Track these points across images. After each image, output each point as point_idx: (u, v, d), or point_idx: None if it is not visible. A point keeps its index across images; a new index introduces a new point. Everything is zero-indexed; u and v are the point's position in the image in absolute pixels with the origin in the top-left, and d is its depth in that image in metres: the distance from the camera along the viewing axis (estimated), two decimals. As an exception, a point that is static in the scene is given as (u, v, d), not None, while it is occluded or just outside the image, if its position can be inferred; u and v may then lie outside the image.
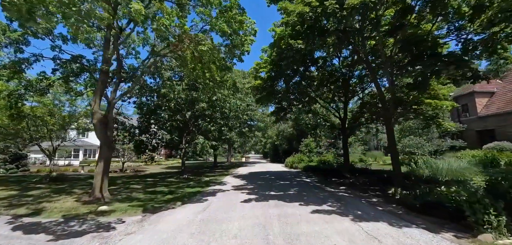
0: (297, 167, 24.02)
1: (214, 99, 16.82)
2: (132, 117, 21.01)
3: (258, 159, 62.73)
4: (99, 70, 9.68)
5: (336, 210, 6.65)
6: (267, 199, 8.50)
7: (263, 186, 11.82)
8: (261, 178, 15.78)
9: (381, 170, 15.90)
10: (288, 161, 27.20)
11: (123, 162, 24.76)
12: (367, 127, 19.19)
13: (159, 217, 6.53)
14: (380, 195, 9.20)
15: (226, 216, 6.29)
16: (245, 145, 64.13)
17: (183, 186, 12.64)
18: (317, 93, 16.59)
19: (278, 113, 18.37)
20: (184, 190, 11.26)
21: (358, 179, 13.66)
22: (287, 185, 12.31)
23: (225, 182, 14.45)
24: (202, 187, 12.32)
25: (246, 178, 16.04)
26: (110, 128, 10.00)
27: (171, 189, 11.82)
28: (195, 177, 18.10)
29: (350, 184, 12.34)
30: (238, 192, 10.12)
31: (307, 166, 21.54)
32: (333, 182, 13.44)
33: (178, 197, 9.61)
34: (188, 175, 19.20)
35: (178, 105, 17.68)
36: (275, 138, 42.22)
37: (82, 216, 6.97)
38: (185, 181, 15.45)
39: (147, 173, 22.61)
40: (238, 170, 23.67)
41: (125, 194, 10.56)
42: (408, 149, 22.11)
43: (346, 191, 10.25)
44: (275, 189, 10.83)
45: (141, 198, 9.40)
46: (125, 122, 17.31)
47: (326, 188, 11.22)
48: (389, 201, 8.17)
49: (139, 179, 16.87)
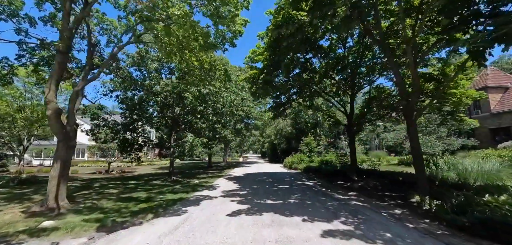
0: (296, 168, 22.25)
1: (205, 93, 15.00)
2: (116, 113, 19.16)
3: (256, 159, 60.93)
4: (56, 50, 7.82)
5: (355, 232, 4.87)
6: (261, 211, 6.70)
7: (258, 192, 10.02)
8: (257, 181, 13.98)
9: (391, 172, 14.17)
10: (287, 161, 25.42)
11: (109, 162, 22.89)
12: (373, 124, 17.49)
13: (109, 241, 4.72)
14: (401, 204, 7.45)
15: (201, 242, 4.48)
16: (242, 144, 62.42)
17: (165, 191, 10.84)
18: (319, 86, 14.84)
19: (276, 109, 16.60)
20: (164, 197, 9.45)
21: (367, 182, 11.91)
22: (287, 190, 10.52)
23: (215, 185, 12.64)
24: (187, 192, 10.50)
25: (240, 181, 14.23)
26: (70, 122, 8.16)
27: (150, 194, 10.01)
28: (184, 179, 16.29)
29: (360, 189, 10.59)
30: (227, 200, 8.31)
31: (307, 167, 19.78)
32: (339, 186, 11.68)
33: (153, 206, 7.80)
34: (177, 177, 17.39)
35: (165, 99, 15.87)
36: (274, 137, 40.43)
37: (11, 236, 5.15)
38: (172, 184, 13.65)
39: (135, 174, 20.80)
40: (233, 171, 21.86)
41: (92, 201, 8.73)
42: (417, 148, 20.43)
43: (358, 198, 8.48)
44: (272, 196, 9.03)
45: (106, 208, 7.58)
46: (107, 118, 15.45)
47: (333, 194, 9.44)
48: (417, 214, 6.42)
49: (120, 182, 15.04)
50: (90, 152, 29.14)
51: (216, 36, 10.13)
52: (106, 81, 16.26)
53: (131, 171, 23.85)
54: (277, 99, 16.29)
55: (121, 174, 21.33)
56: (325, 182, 13.29)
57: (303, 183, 12.90)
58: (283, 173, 19.40)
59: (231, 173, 19.91)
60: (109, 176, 19.38)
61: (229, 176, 17.78)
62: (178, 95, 15.12)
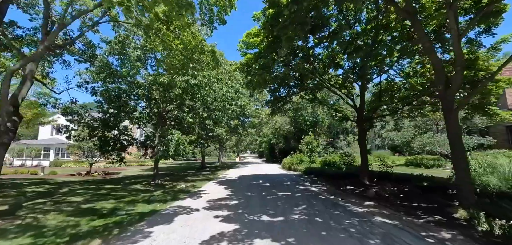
0: (296, 169, 20.33)
1: (193, 84, 12.99)
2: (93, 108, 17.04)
3: (253, 159, 58.95)
4: None
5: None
6: (254, 235, 4.75)
7: (252, 202, 8.05)
8: (252, 186, 12.02)
9: (407, 175, 12.32)
10: (286, 162, 23.45)
11: (91, 164, 20.73)
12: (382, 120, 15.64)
13: None
14: (444, 222, 5.54)
15: None
16: (239, 144, 60.37)
17: (140, 200, 8.85)
18: (323, 77, 12.91)
19: (274, 104, 14.65)
20: (133, 208, 7.46)
21: (382, 187, 10.02)
22: (288, 199, 8.56)
23: (202, 191, 10.65)
24: (165, 201, 8.51)
25: (232, 185, 12.26)
26: (3, 113, 6.13)
27: (119, 204, 8.02)
28: (170, 182, 14.32)
29: (377, 197, 8.69)
30: (210, 216, 6.32)
31: (309, 168, 17.87)
32: (350, 193, 9.76)
33: (110, 224, 5.81)
34: (162, 180, 15.40)
35: (148, 91, 13.88)
36: (271, 136, 38.49)
37: None
38: (153, 189, 11.69)
39: (118, 177, 18.79)
40: (227, 173, 19.87)
41: (36, 216, 6.70)
42: (429, 148, 18.59)
43: (381, 211, 6.56)
44: (269, 208, 7.06)
45: (46, 227, 5.58)
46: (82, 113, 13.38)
47: (347, 205, 7.49)
48: (474, 239, 4.53)
49: (95, 186, 13.03)
50: (69, 151, 26.95)
51: (202, 8, 8.19)
52: (82, 71, 14.18)
53: (116, 173, 21.76)
54: (275, 92, 14.35)
55: (103, 177, 19.26)
56: (331, 186, 11.37)
57: (306, 188, 10.95)
58: (282, 175, 17.47)
59: (225, 175, 17.93)
60: (88, 179, 17.31)
61: (221, 178, 15.80)
62: (162, 87, 13.10)
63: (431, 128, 22.06)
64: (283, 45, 7.48)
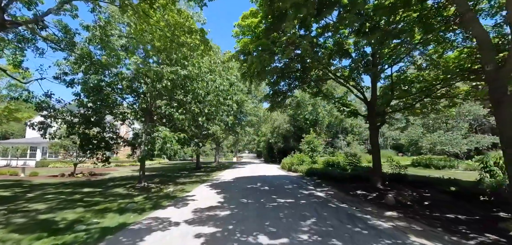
0: (297, 170, 18.90)
1: (184, 75, 11.51)
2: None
3: (251, 159, 57.47)
4: None
5: None
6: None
7: (247, 212, 6.59)
8: (249, 190, 10.57)
9: (424, 177, 10.95)
10: (286, 162, 21.99)
11: (75, 164, 19.14)
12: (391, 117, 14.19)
13: None
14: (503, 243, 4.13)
15: None
16: (237, 143, 58.84)
17: (113, 208, 7.37)
18: (329, 68, 11.48)
19: (274, 98, 13.22)
20: (100, 221, 5.99)
21: (400, 193, 8.63)
22: (292, 207, 7.12)
23: (189, 198, 9.17)
24: (141, 211, 7.02)
25: (226, 190, 10.81)
26: None
27: (83, 215, 6.55)
28: (157, 185, 12.88)
29: (398, 205, 7.26)
30: (191, 234, 4.84)
31: (311, 170, 16.46)
32: (363, 199, 8.34)
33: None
34: (149, 182, 13.93)
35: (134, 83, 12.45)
36: (270, 135, 37.04)
37: None
38: (136, 193, 10.25)
39: (104, 178, 17.28)
40: (222, 174, 18.40)
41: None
42: (441, 147, 17.24)
43: (410, 226, 5.13)
44: (269, 222, 5.60)
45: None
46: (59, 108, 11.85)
47: (367, 217, 6.03)
48: None
49: (71, 190, 11.51)
50: (51, 150, 25.36)
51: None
52: (60, 62, 12.61)
53: (103, 174, 20.20)
54: (275, 86, 12.89)
55: (88, 178, 17.72)
56: (339, 191, 9.94)
57: (311, 193, 9.51)
58: (282, 177, 16.04)
59: (219, 177, 16.45)
60: (68, 181, 15.74)
61: (215, 181, 14.33)
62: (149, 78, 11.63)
63: (440, 126, 20.73)
64: (289, 17, 6.02)
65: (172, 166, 30.56)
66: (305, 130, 32.36)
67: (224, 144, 56.54)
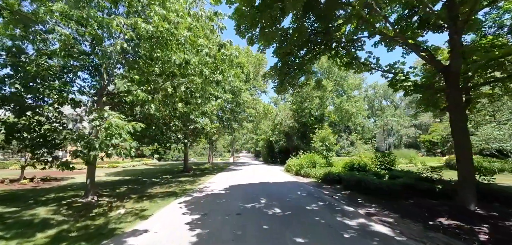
0: (308, 175, 14.73)
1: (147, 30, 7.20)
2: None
3: (249, 159, 53.16)
4: None
5: None
6: None
7: None
8: (246, 216, 6.37)
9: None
10: (292, 165, 17.72)
11: (23, 167, 14.75)
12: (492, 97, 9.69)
13: None
14: None
15: None
16: (234, 143, 54.52)
17: None
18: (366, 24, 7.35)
19: (283, 71, 9.04)
20: None
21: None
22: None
23: (138, 233, 4.94)
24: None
25: (209, 214, 6.58)
26: None
27: None
28: (111, 200, 8.70)
29: None
30: None
31: (329, 175, 12.32)
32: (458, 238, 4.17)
33: None
34: (98, 195, 9.76)
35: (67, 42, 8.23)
36: (270, 132, 32.83)
37: None
38: (61, 218, 6.06)
39: (53, 186, 13.04)
40: (212, 181, 14.15)
41: None
42: (498, 144, 13.20)
43: None
44: None
45: None
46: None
47: None
48: None
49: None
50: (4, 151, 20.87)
51: None
52: None
53: (63, 178, 15.84)
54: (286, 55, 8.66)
55: (35, 185, 13.40)
56: (402, 217, 5.78)
57: (362, 227, 5.33)
58: (292, 185, 11.87)
59: (208, 185, 12.22)
60: (3, 190, 11.36)
61: (198, 192, 10.09)
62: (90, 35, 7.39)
63: (484, 120, 16.74)
64: None
65: (158, 168, 26.17)
66: (309, 127, 28.25)
67: (220, 143, 52.24)
